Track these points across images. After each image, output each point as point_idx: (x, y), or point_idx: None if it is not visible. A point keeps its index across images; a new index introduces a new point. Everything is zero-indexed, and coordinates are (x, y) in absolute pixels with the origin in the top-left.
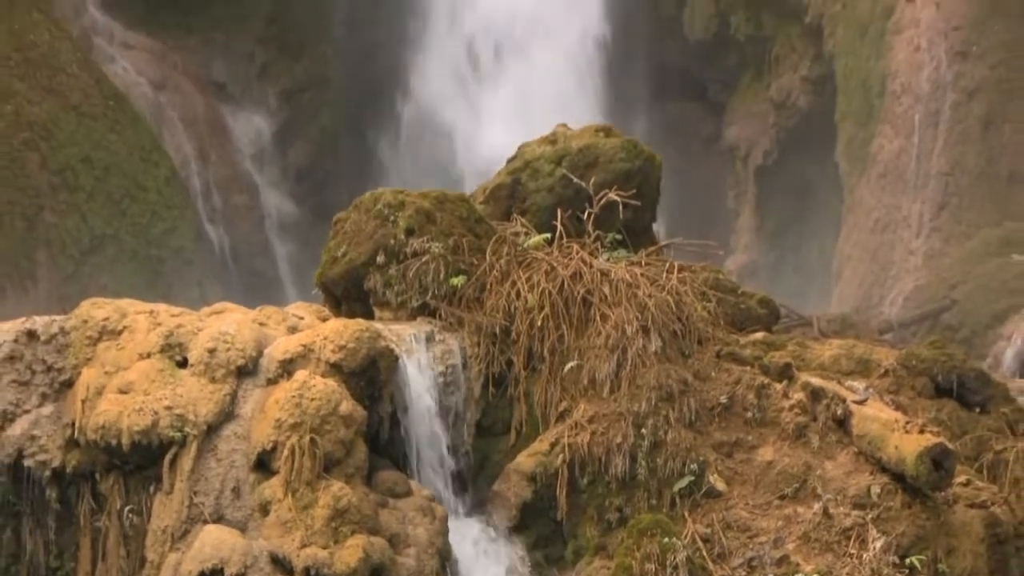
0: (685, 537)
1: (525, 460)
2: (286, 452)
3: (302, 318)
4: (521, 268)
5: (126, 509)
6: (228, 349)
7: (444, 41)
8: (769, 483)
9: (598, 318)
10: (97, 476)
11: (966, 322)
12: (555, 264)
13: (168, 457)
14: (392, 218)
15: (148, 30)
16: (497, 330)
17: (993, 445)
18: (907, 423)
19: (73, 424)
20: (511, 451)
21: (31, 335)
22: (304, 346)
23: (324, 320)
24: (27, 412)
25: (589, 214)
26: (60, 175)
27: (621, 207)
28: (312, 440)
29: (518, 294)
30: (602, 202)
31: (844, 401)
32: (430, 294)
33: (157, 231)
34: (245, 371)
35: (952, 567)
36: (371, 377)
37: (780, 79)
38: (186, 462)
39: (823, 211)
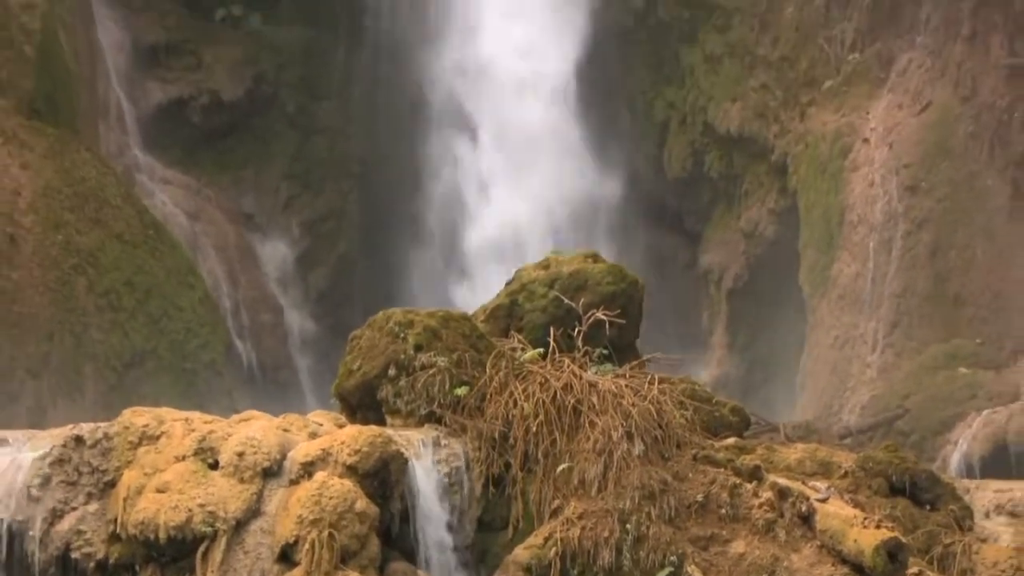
0: None
1: (522, 552)
2: (307, 545)
3: (321, 424)
4: (518, 380)
5: None
6: (255, 453)
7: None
8: (741, 574)
9: (587, 425)
10: (137, 567)
11: (917, 428)
12: (548, 376)
13: (201, 550)
14: (402, 335)
15: (185, 168)
16: (496, 435)
17: (943, 539)
18: (865, 519)
19: (115, 520)
20: (509, 544)
21: (78, 440)
22: (323, 450)
23: (341, 427)
24: (74, 509)
25: (579, 332)
26: (105, 297)
27: (607, 325)
28: (330, 535)
29: (515, 403)
30: (590, 321)
31: (808, 499)
32: (436, 403)
33: (191, 346)
34: (270, 472)
35: None
36: (383, 478)
37: (749, 211)
38: (217, 555)
39: (788, 329)
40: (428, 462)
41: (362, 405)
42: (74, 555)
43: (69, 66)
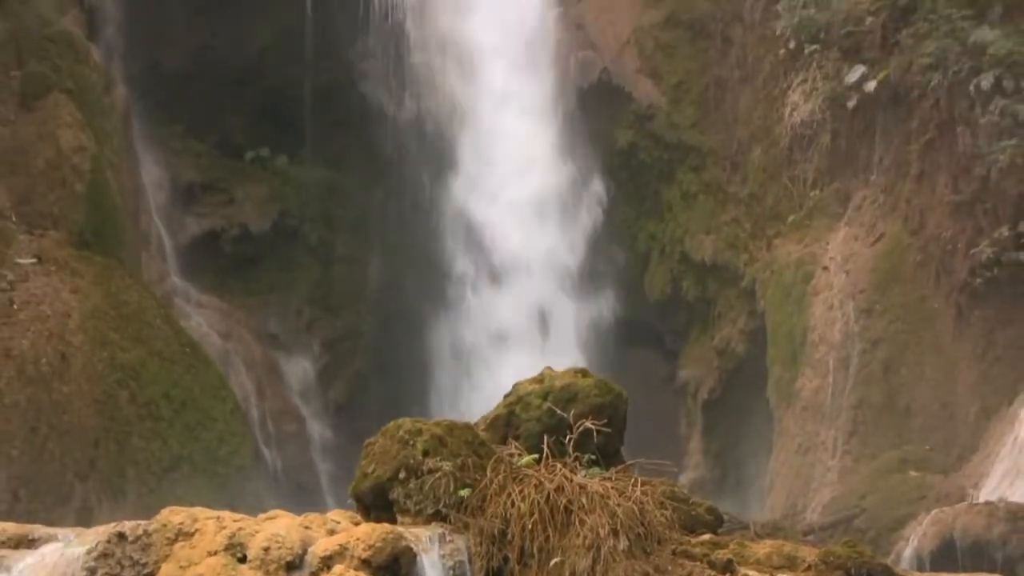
0: None
1: None
2: None
3: (339, 522)
4: (516, 483)
5: None
6: (279, 548)
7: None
8: None
9: (577, 523)
10: None
11: (873, 526)
12: (543, 479)
13: None
14: (411, 442)
15: (217, 293)
16: (496, 532)
17: None
18: None
19: None
20: None
21: (121, 536)
22: (341, 545)
23: (357, 524)
24: None
25: (569, 439)
26: (146, 408)
27: (596, 434)
28: None
29: (513, 503)
30: (580, 429)
31: None
32: (442, 503)
33: (223, 453)
34: (293, 566)
35: None
36: (395, 570)
37: (722, 331)
38: None
39: (757, 437)
40: (435, 556)
41: (376, 505)
42: None
43: (115, 202)
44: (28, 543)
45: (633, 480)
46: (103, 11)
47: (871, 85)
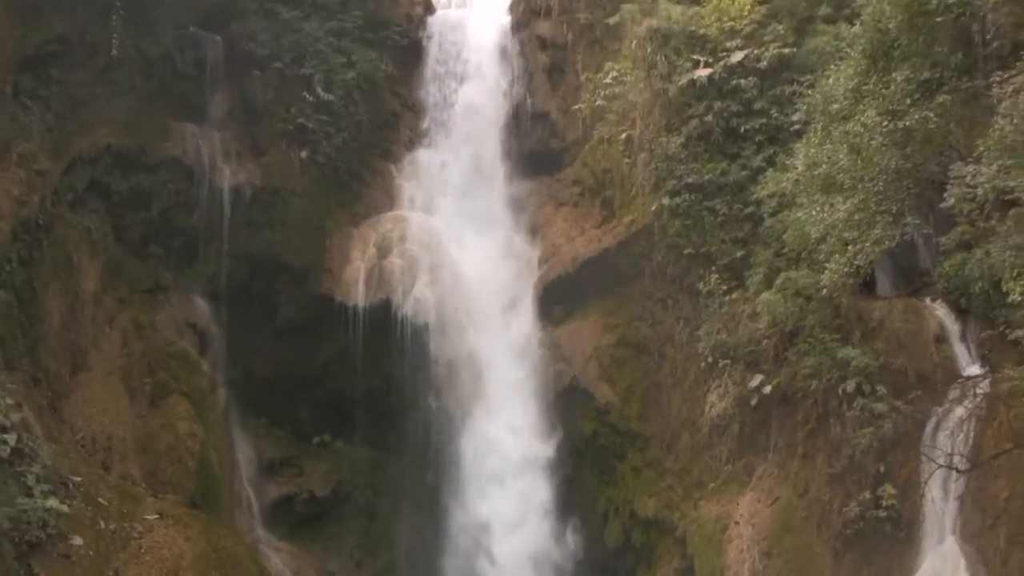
0: None
1: None
2: None
3: None
4: None
5: None
6: None
7: None
8: None
9: None
10: None
11: None
12: None
13: None
14: None
15: (291, 541)
16: None
17: None
18: None
19: None
20: None
21: None
22: None
23: None
24: None
25: None
26: None
27: None
28: None
29: None
30: None
31: None
32: None
33: None
34: None
35: None
36: None
37: (662, 570)
38: None
39: None
40: None
41: None
42: None
43: (217, 474)
44: None
45: None
46: (210, 335)
47: (767, 389)
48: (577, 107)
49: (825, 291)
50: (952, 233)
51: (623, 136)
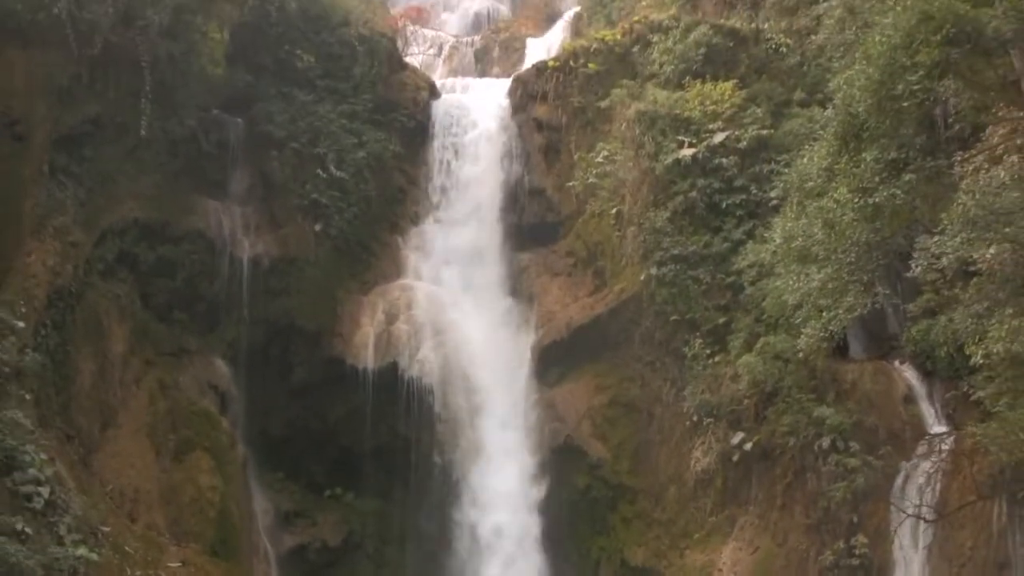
0: None
1: None
2: None
3: None
4: None
5: None
6: None
7: None
8: None
9: None
10: None
11: None
12: None
13: None
14: None
15: None
16: None
17: None
18: None
19: None
20: None
21: None
22: None
23: None
24: None
25: None
26: None
27: None
28: None
29: None
30: None
31: None
32: None
33: None
34: None
35: None
36: None
37: None
38: None
39: None
40: None
41: None
42: None
43: (236, 524)
44: None
45: None
46: (230, 394)
47: (748, 445)
48: (571, 184)
49: (801, 354)
50: (918, 301)
51: (614, 211)
